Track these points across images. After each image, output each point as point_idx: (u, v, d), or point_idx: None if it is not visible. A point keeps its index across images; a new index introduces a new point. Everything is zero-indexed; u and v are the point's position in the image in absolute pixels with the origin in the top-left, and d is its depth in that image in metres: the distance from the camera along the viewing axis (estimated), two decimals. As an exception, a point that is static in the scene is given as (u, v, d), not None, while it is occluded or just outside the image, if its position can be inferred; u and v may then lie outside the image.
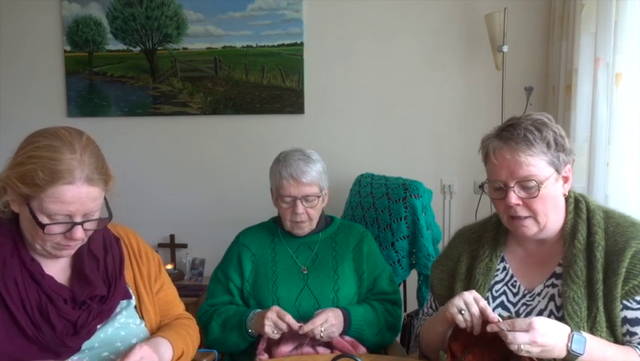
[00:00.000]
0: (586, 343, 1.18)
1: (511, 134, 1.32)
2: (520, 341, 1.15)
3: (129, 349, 1.23)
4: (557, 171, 1.32)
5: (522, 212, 1.33)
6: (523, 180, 1.30)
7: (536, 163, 1.30)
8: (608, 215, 1.36)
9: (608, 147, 2.12)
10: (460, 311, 1.25)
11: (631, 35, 2.02)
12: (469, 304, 1.25)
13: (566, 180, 1.35)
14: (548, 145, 1.31)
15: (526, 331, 1.16)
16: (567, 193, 1.37)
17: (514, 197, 1.31)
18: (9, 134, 2.88)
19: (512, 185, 1.31)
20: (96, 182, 1.19)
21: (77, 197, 1.16)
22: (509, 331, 1.16)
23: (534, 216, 1.33)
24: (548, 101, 2.67)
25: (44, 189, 1.14)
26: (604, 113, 2.13)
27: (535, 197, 1.31)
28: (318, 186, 1.82)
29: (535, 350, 1.16)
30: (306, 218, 1.83)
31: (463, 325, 1.25)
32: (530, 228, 1.35)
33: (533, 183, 1.30)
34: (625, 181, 2.09)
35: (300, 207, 1.80)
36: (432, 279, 1.56)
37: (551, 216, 1.35)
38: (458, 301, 1.26)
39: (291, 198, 1.80)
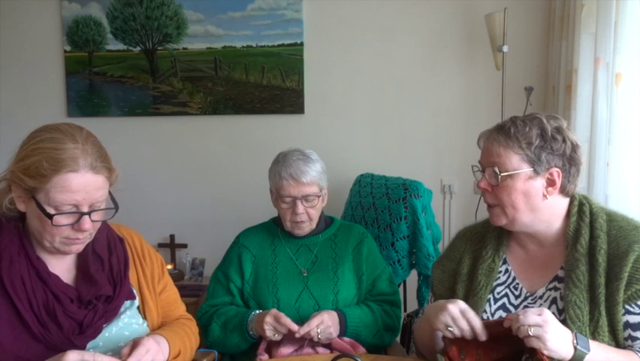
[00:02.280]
0: (588, 341, 1.18)
1: (501, 125, 1.37)
2: (530, 320, 1.13)
3: (135, 341, 1.24)
4: (535, 169, 1.32)
5: (490, 199, 1.38)
6: (490, 166, 1.35)
7: (506, 154, 1.33)
8: (611, 218, 1.35)
9: (608, 147, 2.12)
10: (447, 328, 1.24)
11: (631, 35, 2.02)
12: (455, 319, 1.23)
13: (551, 183, 1.33)
14: (529, 142, 1.31)
15: (539, 314, 1.15)
16: (547, 196, 1.33)
17: (483, 181, 1.37)
18: (9, 134, 2.88)
19: (484, 170, 1.37)
20: (100, 170, 1.20)
21: (83, 185, 1.18)
22: (521, 314, 1.15)
23: (501, 206, 1.36)
24: (548, 101, 2.67)
25: (50, 178, 1.15)
26: (604, 113, 2.13)
27: (496, 185, 1.34)
28: (317, 186, 1.82)
29: (547, 335, 1.12)
30: (306, 218, 1.83)
31: (452, 337, 1.24)
32: (498, 216, 1.38)
33: (495, 171, 1.33)
34: (625, 181, 2.09)
35: (300, 208, 1.80)
36: (432, 279, 1.55)
37: (522, 213, 1.34)
38: (444, 318, 1.24)
39: (291, 199, 1.80)
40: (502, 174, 1.32)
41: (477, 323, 1.22)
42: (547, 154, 1.31)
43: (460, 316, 1.23)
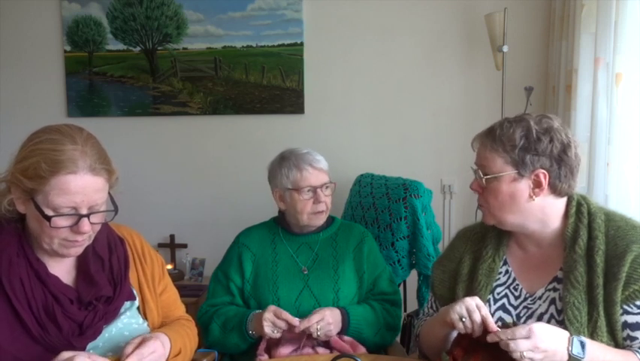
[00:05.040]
0: (586, 346, 1.18)
1: (491, 127, 1.39)
2: (522, 347, 1.15)
3: (144, 338, 1.23)
4: (519, 172, 1.31)
5: (479, 200, 1.41)
6: (479, 168, 1.37)
7: (491, 157, 1.34)
8: (609, 218, 1.35)
9: (608, 147, 2.12)
10: (460, 318, 1.25)
11: (631, 35, 2.02)
12: (470, 311, 1.24)
13: (537, 184, 1.32)
14: (513, 145, 1.31)
15: (527, 337, 1.15)
16: (534, 197, 1.32)
17: (474, 183, 1.41)
18: (9, 134, 2.88)
19: (475, 171, 1.40)
20: (99, 172, 1.19)
21: (81, 187, 1.16)
22: (510, 340, 1.16)
23: (487, 207, 1.38)
24: (548, 101, 2.67)
25: (48, 180, 1.14)
26: (604, 113, 2.13)
27: (484, 187, 1.36)
28: (328, 175, 1.88)
29: (537, 357, 1.15)
30: (325, 207, 1.87)
31: (462, 331, 1.25)
32: (486, 216, 1.41)
33: (481, 173, 1.36)
34: (625, 181, 2.09)
35: (322, 196, 1.84)
36: (433, 280, 1.55)
37: (507, 214, 1.35)
38: (460, 308, 1.26)
39: (311, 188, 1.83)
40: (485, 177, 1.35)
41: (490, 319, 1.23)
42: (532, 156, 1.31)
43: (475, 309, 1.24)
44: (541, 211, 1.35)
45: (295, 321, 1.62)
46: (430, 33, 2.79)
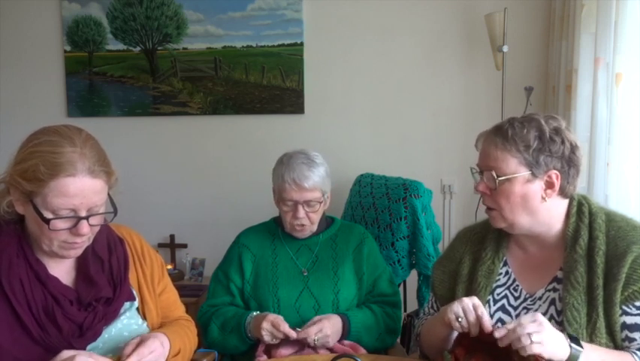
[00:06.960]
0: (580, 341, 1.18)
1: (498, 126, 1.35)
2: (529, 329, 1.13)
3: (142, 339, 1.23)
4: (533, 172, 1.30)
5: (488, 202, 1.37)
6: (487, 169, 1.34)
7: (503, 158, 1.31)
8: (610, 218, 1.35)
9: (608, 147, 2.12)
10: (457, 318, 1.24)
11: (631, 35, 2.02)
12: (467, 311, 1.24)
13: (549, 185, 1.32)
14: (527, 145, 1.30)
15: (533, 321, 1.14)
16: (546, 199, 1.32)
17: (481, 184, 1.37)
18: (9, 134, 2.88)
19: (482, 172, 1.36)
20: (98, 174, 1.18)
21: (80, 189, 1.16)
22: (517, 326, 1.14)
23: (499, 210, 1.35)
24: (548, 101, 2.67)
25: (47, 183, 1.13)
26: (604, 113, 2.13)
27: (494, 189, 1.33)
28: (320, 191, 1.80)
29: (545, 338, 1.13)
30: (307, 222, 1.82)
31: (459, 330, 1.25)
32: (497, 219, 1.37)
33: (493, 175, 1.32)
34: (625, 181, 2.09)
35: (302, 212, 1.79)
36: (433, 280, 1.55)
37: (520, 216, 1.33)
38: (456, 308, 1.25)
39: (293, 203, 1.79)
40: (499, 178, 1.31)
41: (486, 318, 1.22)
42: (546, 157, 1.30)
43: (471, 309, 1.24)
44: (549, 213, 1.35)
45: (293, 334, 1.61)
46: (430, 33, 2.79)
